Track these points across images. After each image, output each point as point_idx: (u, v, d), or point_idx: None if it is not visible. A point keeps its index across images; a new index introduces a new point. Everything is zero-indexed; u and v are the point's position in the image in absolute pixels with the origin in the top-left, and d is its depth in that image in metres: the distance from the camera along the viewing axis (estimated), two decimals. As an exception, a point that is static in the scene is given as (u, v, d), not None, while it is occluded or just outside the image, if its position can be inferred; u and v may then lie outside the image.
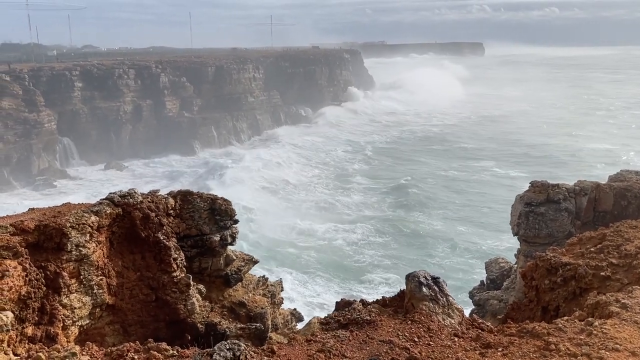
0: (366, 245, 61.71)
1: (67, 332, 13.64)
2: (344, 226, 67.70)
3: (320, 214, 72.56)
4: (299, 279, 52.78)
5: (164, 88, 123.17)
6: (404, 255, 58.44)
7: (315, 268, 55.92)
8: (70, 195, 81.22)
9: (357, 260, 57.95)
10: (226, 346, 8.49)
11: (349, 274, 54.41)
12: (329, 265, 56.20)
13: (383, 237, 64.46)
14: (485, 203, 74.66)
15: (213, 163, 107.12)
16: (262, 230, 65.61)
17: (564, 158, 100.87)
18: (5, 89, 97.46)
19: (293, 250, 60.42)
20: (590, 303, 10.52)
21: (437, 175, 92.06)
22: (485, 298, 24.74)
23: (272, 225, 68.16)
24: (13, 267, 11.68)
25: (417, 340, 9.58)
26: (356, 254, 59.27)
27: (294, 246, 61.58)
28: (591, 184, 24.19)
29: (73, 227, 13.99)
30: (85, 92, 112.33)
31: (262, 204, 75.82)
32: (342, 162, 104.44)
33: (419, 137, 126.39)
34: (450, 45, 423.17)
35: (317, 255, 58.96)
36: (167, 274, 16.44)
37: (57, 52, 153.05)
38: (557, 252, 13.62)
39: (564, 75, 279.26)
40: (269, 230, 66.23)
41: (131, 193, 16.32)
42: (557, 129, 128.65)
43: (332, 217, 71.56)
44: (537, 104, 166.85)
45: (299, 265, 56.33)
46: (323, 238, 64.05)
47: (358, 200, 78.63)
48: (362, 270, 55.08)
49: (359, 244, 62.21)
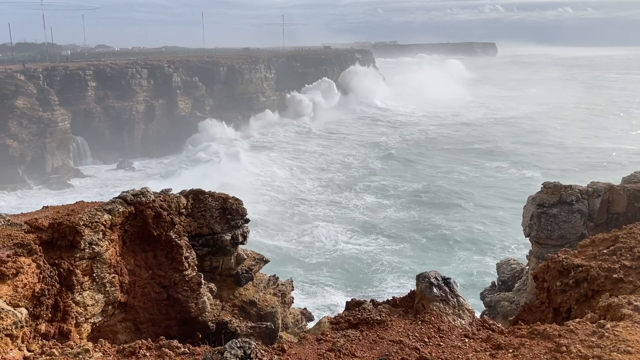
0: (381, 251, 60.31)
1: (80, 329, 13.78)
2: (357, 230, 66.53)
3: (333, 217, 71.58)
4: (308, 291, 51.22)
5: (176, 88, 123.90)
6: (418, 259, 57.54)
7: (325, 277, 54.66)
8: (84, 193, 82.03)
9: (371, 266, 56.51)
10: (237, 344, 8.54)
11: (361, 281, 53.23)
12: (341, 274, 54.89)
13: (398, 241, 63.19)
14: (502, 203, 73.69)
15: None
16: (270, 233, 64.78)
17: (584, 159, 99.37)
18: (20, 88, 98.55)
19: (302, 259, 59.05)
20: (603, 305, 10.45)
21: (453, 177, 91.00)
22: (497, 299, 24.63)
23: (281, 228, 67.42)
24: (27, 264, 11.82)
25: (428, 340, 9.57)
26: (371, 260, 57.81)
27: (303, 255, 60.10)
28: (604, 186, 23.98)
29: (86, 225, 14.14)
30: (98, 91, 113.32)
31: (271, 206, 75.56)
32: (353, 163, 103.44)
33: (430, 138, 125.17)
34: (462, 45, 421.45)
35: (329, 262, 57.57)
36: (178, 272, 16.56)
37: (71, 51, 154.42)
38: (569, 253, 13.53)
39: (579, 75, 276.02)
40: (278, 233, 65.38)
41: (143, 192, 16.46)
42: (575, 130, 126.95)
43: (345, 220, 70.50)
44: (552, 105, 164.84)
45: (308, 275, 54.90)
46: (336, 243, 62.82)
47: (371, 203, 77.60)
48: (375, 278, 53.80)
49: (374, 250, 60.64)
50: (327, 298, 49.17)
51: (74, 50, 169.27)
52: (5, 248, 11.98)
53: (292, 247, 61.66)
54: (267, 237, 63.83)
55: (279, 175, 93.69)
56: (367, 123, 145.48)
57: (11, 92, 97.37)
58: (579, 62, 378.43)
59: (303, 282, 51.73)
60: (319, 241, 62.82)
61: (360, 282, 52.75)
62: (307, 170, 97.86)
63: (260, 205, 73.85)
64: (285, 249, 60.77)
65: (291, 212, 73.61)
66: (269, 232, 65.54)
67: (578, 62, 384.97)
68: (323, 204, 77.33)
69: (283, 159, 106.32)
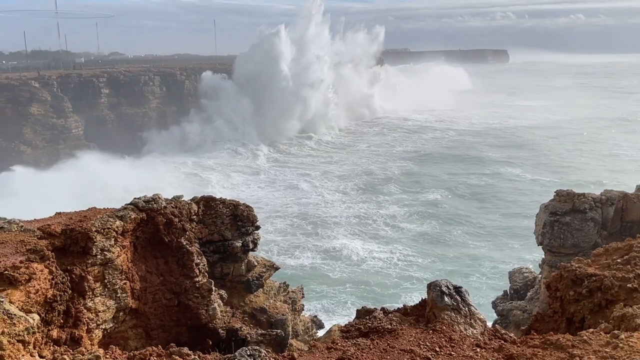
0: (407, 265, 57.72)
1: (91, 335, 13.84)
2: (382, 242, 63.92)
3: (358, 231, 69.60)
4: (328, 308, 48.93)
5: (188, 94, 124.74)
6: (437, 270, 56.09)
7: (347, 293, 51.95)
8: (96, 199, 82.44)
9: (400, 284, 53.97)
10: (247, 352, 8.53)
11: (391, 297, 51.45)
12: (366, 290, 52.69)
13: (416, 252, 61.12)
14: (523, 211, 72.01)
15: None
16: (288, 250, 62.90)
17: (599, 168, 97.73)
18: (34, 95, 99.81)
19: (326, 274, 56.02)
20: (617, 315, 10.32)
21: (468, 184, 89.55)
22: (509, 308, 24.40)
23: (297, 237, 66.19)
24: (40, 270, 11.91)
25: (439, 350, 9.49)
26: (398, 276, 55.38)
27: (326, 270, 56.88)
28: (618, 194, 23.75)
29: (98, 232, 14.23)
30: (111, 98, 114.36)
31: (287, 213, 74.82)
32: (374, 172, 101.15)
33: (444, 146, 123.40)
34: (474, 52, 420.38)
35: (353, 278, 55.53)
36: (189, 279, 16.60)
37: (85, 59, 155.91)
38: (583, 262, 13.39)
39: (593, 82, 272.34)
40: (296, 249, 63.56)
41: (155, 198, 16.55)
42: (591, 138, 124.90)
43: (362, 231, 68.91)
44: (567, 113, 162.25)
45: (330, 292, 51.92)
46: (361, 257, 61.13)
47: (387, 214, 75.87)
48: (395, 292, 52.16)
49: (399, 264, 57.91)
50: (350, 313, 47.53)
51: (87, 57, 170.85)
52: (19, 254, 12.09)
53: (316, 262, 60.06)
54: (285, 252, 62.12)
55: (301, 187, 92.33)
56: (381, 132, 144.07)
57: (26, 99, 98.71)
58: (593, 69, 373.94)
59: (326, 299, 50.25)
60: (345, 256, 61.02)
61: (388, 298, 51.20)
62: (324, 180, 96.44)
63: (278, 220, 72.70)
64: (307, 265, 59.17)
65: (311, 226, 71.85)
66: (286, 249, 63.93)
67: (592, 69, 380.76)
68: (346, 217, 74.99)
69: (297, 168, 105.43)
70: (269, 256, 44.05)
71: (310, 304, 45.06)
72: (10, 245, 12.49)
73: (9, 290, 10.87)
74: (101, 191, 75.67)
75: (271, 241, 63.48)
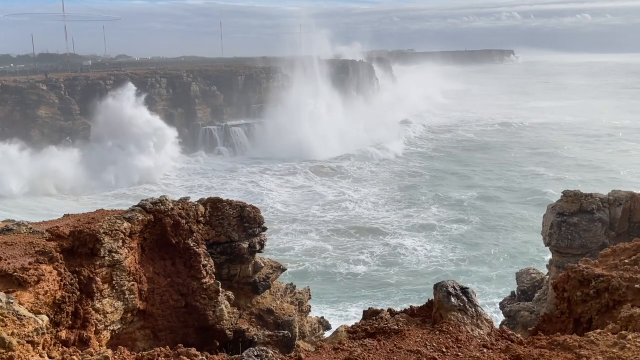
0: (460, 259, 56.85)
1: (100, 336, 13.93)
2: (434, 242, 62.22)
3: (406, 234, 67.88)
4: (337, 313, 48.29)
5: (194, 97, 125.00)
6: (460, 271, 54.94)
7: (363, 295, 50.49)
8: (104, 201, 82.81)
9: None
10: (254, 353, 8.57)
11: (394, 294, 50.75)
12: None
13: (476, 248, 59.87)
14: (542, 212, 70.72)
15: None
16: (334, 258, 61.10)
17: (613, 170, 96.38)
18: (42, 97, 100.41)
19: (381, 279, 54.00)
20: (624, 316, 10.28)
21: (489, 185, 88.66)
22: (516, 309, 24.33)
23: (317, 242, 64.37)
24: (48, 271, 12.00)
25: (445, 350, 9.50)
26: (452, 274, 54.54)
27: (381, 276, 54.77)
28: (626, 194, 23.63)
29: (106, 233, 14.32)
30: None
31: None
32: (404, 174, 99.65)
33: (462, 147, 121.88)
34: (480, 52, 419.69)
35: (411, 280, 52.92)
36: (196, 280, 16.66)
37: (92, 61, 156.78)
38: (590, 263, 13.34)
39: (603, 82, 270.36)
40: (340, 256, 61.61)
41: (162, 200, 16.63)
42: (605, 138, 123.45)
43: (377, 233, 67.51)
44: (579, 113, 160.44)
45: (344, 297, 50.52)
46: (417, 259, 59.34)
47: (405, 215, 74.50)
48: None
49: (454, 261, 56.71)
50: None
51: (94, 60, 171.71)
52: (27, 255, 12.19)
53: (371, 269, 58.31)
54: (333, 261, 60.27)
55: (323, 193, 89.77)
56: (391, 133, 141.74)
57: (33, 101, 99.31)
58: (601, 69, 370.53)
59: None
60: (401, 260, 59.46)
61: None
62: (346, 185, 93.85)
63: (313, 233, 70.32)
64: (362, 272, 57.49)
65: (353, 231, 69.85)
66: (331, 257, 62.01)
67: (601, 68, 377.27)
68: (391, 221, 73.10)
69: (314, 176, 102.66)
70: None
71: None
72: (19, 246, 12.60)
73: (19, 291, 10.97)
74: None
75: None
